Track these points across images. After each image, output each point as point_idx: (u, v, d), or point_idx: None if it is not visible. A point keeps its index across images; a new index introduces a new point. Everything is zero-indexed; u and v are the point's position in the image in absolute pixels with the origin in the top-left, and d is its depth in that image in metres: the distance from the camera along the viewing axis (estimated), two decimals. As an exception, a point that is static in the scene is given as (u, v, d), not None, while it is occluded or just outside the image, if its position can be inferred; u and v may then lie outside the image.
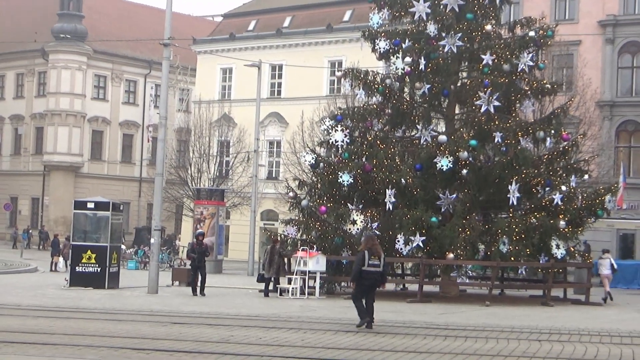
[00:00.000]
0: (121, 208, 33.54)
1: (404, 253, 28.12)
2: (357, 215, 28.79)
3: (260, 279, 30.14)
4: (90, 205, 30.99)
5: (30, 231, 67.79)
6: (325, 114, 40.85)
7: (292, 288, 28.46)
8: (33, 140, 72.05)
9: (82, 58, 69.10)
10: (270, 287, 29.21)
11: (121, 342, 15.66)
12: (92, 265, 29.68)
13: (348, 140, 30.07)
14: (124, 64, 72.33)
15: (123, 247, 41.82)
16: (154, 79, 68.95)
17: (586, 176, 31.40)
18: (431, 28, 29.91)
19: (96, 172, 70.79)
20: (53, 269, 41.90)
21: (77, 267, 29.87)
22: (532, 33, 30.25)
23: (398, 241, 27.99)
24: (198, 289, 28.40)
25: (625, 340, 17.80)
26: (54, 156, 68.86)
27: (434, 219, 27.96)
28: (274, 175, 58.61)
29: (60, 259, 41.74)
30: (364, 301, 19.10)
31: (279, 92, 59.68)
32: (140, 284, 31.33)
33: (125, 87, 73.11)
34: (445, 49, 29.74)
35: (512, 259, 27.87)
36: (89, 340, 15.89)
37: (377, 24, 31.20)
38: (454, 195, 28.69)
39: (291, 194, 31.54)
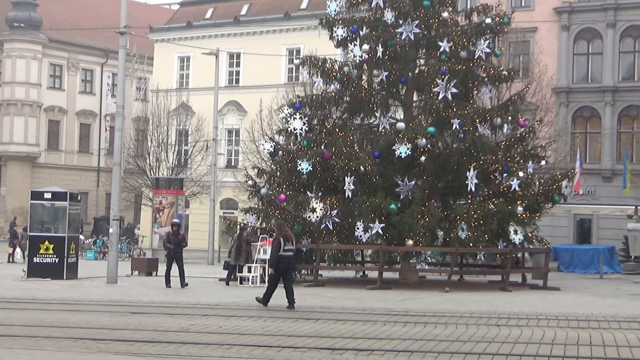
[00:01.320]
0: (79, 198, 33.25)
1: (364, 240, 28.20)
2: (317, 203, 28.76)
3: (227, 266, 29.99)
4: (48, 195, 30.71)
5: None
6: (284, 102, 40.64)
7: (252, 276, 28.45)
8: (-12, 130, 71.17)
9: (37, 47, 68.29)
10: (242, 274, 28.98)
11: (80, 333, 15.58)
12: (50, 255, 29.44)
13: (307, 128, 30.10)
14: (80, 52, 71.56)
15: (81, 237, 41.56)
16: (111, 68, 68.21)
17: (543, 162, 31.71)
18: (388, 15, 29.95)
19: (53, 162, 70.07)
20: (10, 260, 41.52)
21: (34, 258, 29.61)
22: (488, 20, 30.41)
23: (357, 228, 28.07)
24: (178, 280, 27.22)
25: (582, 324, 18.01)
26: (10, 146, 68.08)
27: (393, 206, 28.03)
28: (233, 164, 58.45)
29: (18, 249, 41.37)
30: (283, 285, 21.10)
31: (237, 81, 59.48)
32: (99, 274, 31.13)
33: (82, 76, 72.34)
34: (403, 37, 29.81)
35: (471, 245, 28.04)
36: (48, 331, 15.78)
37: (335, 11, 31.20)
38: (413, 182, 28.79)
39: (250, 182, 31.46)
